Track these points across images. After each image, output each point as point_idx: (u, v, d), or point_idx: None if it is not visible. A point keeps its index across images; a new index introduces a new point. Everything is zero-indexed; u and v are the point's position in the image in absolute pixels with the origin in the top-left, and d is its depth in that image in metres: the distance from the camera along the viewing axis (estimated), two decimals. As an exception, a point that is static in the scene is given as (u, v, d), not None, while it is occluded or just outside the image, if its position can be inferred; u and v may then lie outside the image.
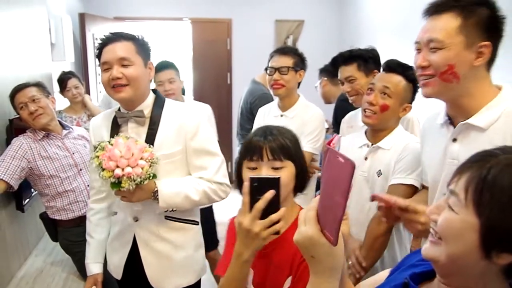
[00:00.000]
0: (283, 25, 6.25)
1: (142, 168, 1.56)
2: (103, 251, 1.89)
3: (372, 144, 1.82)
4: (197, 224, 1.89)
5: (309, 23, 6.28)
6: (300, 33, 6.30)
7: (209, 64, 6.17)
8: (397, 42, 4.37)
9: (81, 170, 2.53)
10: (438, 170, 1.39)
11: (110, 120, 1.78)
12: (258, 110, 2.66)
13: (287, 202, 1.23)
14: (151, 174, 1.61)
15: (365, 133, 1.89)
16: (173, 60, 2.99)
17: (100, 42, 1.68)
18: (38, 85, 2.46)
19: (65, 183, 2.46)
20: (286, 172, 1.22)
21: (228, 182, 1.81)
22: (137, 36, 1.72)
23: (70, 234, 2.50)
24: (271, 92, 2.44)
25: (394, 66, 1.76)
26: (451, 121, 1.35)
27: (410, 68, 1.72)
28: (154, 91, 1.82)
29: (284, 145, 1.23)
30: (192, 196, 1.71)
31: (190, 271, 1.85)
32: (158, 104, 1.76)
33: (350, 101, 2.29)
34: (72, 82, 3.50)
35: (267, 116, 2.55)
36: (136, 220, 1.77)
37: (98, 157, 1.58)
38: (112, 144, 1.57)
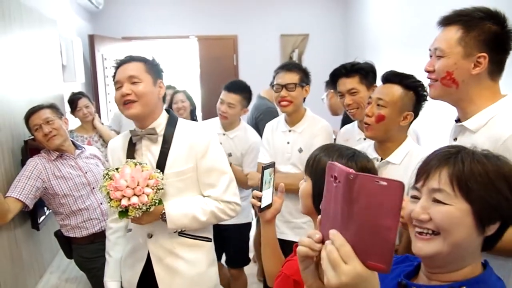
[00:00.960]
0: (288, 39, 6.33)
1: (147, 196, 1.62)
2: (119, 267, 1.93)
3: (381, 159, 1.80)
4: (210, 241, 1.92)
5: (314, 37, 6.36)
6: (305, 46, 6.38)
7: (216, 80, 6.16)
8: (402, 55, 4.41)
9: (93, 188, 2.59)
10: None
11: (127, 140, 1.86)
12: (266, 126, 2.69)
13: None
14: (156, 201, 1.66)
15: (374, 145, 1.88)
16: (180, 77, 3.05)
17: (115, 65, 1.80)
18: (52, 106, 2.53)
19: (79, 201, 2.51)
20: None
21: (238, 201, 1.84)
22: (148, 58, 1.83)
23: (84, 251, 2.54)
24: (278, 108, 2.46)
25: (390, 77, 1.78)
26: (458, 121, 1.46)
27: (409, 76, 1.76)
28: (168, 111, 1.89)
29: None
30: (200, 217, 1.76)
31: (204, 287, 1.88)
32: (171, 123, 1.82)
33: (350, 115, 2.28)
34: (83, 102, 3.57)
35: (275, 131, 2.57)
36: (150, 237, 1.81)
37: (105, 186, 1.64)
38: (119, 172, 1.63)
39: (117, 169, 1.67)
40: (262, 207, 1.35)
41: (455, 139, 1.44)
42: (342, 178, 0.70)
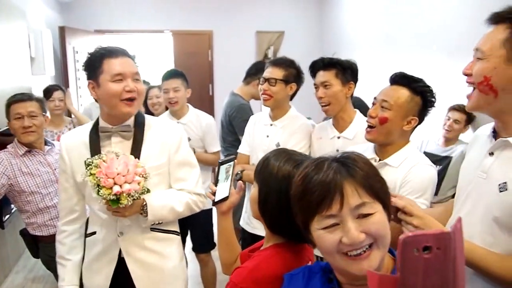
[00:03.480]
0: (264, 36, 6.32)
1: (138, 183, 1.57)
2: (79, 272, 1.84)
3: (379, 160, 1.77)
4: (179, 235, 1.91)
5: (290, 34, 6.37)
6: (281, 44, 6.38)
7: (190, 76, 6.06)
8: (377, 52, 4.46)
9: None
10: (466, 179, 1.37)
11: (86, 136, 1.75)
12: (250, 118, 2.69)
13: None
14: (146, 189, 1.62)
15: (374, 147, 1.83)
16: (154, 72, 3.05)
17: (104, 52, 1.69)
18: (40, 101, 2.47)
19: (46, 199, 2.43)
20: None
21: (204, 192, 1.86)
22: (131, 53, 1.78)
23: (51, 250, 2.43)
24: (262, 101, 2.46)
25: (398, 78, 1.71)
26: (495, 134, 1.29)
27: (417, 80, 1.69)
28: None
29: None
30: (177, 208, 1.75)
31: (179, 280, 1.86)
32: (139, 120, 1.79)
33: (322, 111, 2.27)
34: (58, 94, 3.49)
35: (257, 123, 2.57)
36: (121, 235, 1.76)
37: (92, 175, 1.55)
38: (105, 161, 1.56)
39: (100, 157, 1.59)
40: (216, 200, 1.38)
41: (491, 154, 1.26)
42: (444, 243, 0.64)
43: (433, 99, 1.69)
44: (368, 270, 0.74)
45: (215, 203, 1.40)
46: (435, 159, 3.04)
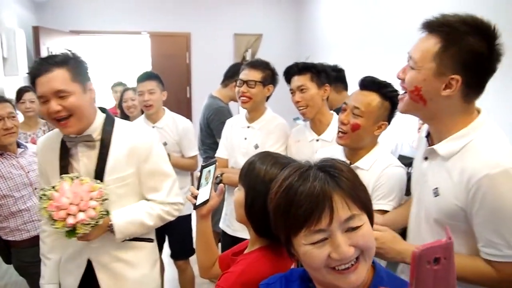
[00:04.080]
0: (242, 38, 6.33)
1: (94, 209, 1.52)
2: (58, 270, 1.83)
3: (350, 163, 1.76)
4: (152, 242, 1.87)
5: (267, 37, 6.40)
6: (259, 46, 6.40)
7: (168, 78, 6.04)
8: (353, 56, 4.52)
9: (36, 189, 2.46)
10: (414, 180, 1.42)
11: (58, 141, 1.70)
12: (226, 122, 2.68)
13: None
14: (104, 213, 1.57)
15: (344, 149, 1.84)
16: (131, 74, 3.00)
17: (31, 71, 1.60)
18: (11, 102, 2.47)
19: (19, 202, 2.38)
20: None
21: (181, 200, 1.83)
22: (70, 56, 1.62)
23: (25, 255, 2.41)
24: (239, 104, 2.46)
25: (368, 84, 1.71)
26: (429, 137, 1.33)
27: (387, 85, 1.70)
28: (103, 110, 1.77)
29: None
30: (147, 221, 1.71)
31: None
32: (108, 125, 1.71)
33: (300, 114, 2.30)
34: (29, 95, 3.40)
35: (234, 127, 2.57)
36: (90, 242, 1.72)
37: (45, 208, 1.51)
38: (57, 190, 1.51)
39: (53, 187, 1.54)
40: (197, 204, 1.37)
41: (426, 158, 1.31)
42: (448, 252, 0.67)
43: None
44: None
45: (196, 207, 1.39)
46: (409, 161, 3.08)
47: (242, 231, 2.40)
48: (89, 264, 1.75)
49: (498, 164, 1.10)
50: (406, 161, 3.21)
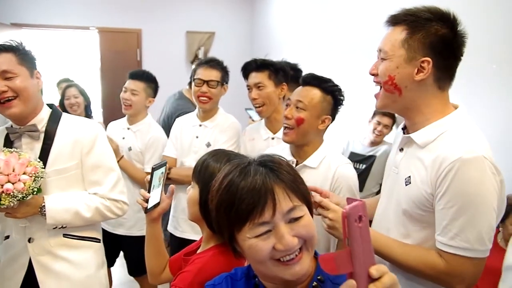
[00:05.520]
0: (194, 36, 6.26)
1: (24, 183, 1.49)
2: None
3: (297, 162, 1.79)
4: (99, 242, 1.82)
5: (220, 35, 6.37)
6: (211, 44, 6.36)
7: (118, 75, 5.88)
8: (306, 55, 4.58)
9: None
10: (386, 174, 1.45)
11: (2, 137, 1.69)
12: (176, 120, 2.64)
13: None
14: (35, 189, 1.54)
15: (290, 148, 1.85)
16: (79, 71, 2.86)
17: None
18: None
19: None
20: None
21: (125, 199, 1.79)
22: (17, 46, 1.63)
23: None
24: (198, 103, 2.42)
25: (309, 80, 1.75)
26: (405, 130, 1.36)
27: (327, 80, 1.75)
28: (50, 105, 1.76)
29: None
30: (83, 212, 1.67)
31: None
32: (54, 119, 1.70)
33: (256, 112, 2.30)
34: None
35: (185, 126, 2.54)
36: (31, 241, 1.66)
37: None
38: None
39: None
40: (148, 207, 1.35)
41: (401, 150, 1.34)
42: (365, 211, 0.72)
43: (342, 97, 1.77)
44: (320, 256, 0.75)
45: (147, 210, 1.36)
46: (360, 158, 3.17)
47: (190, 233, 2.39)
48: (29, 268, 1.67)
49: (473, 151, 1.12)
50: (357, 158, 3.28)
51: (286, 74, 2.28)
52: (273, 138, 2.26)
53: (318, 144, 1.79)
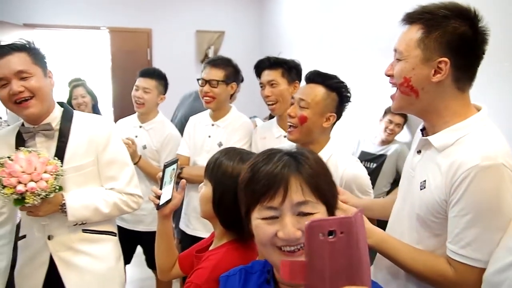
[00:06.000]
0: (204, 35, 6.27)
1: (46, 182, 1.52)
2: (4, 280, 1.74)
3: None
4: (115, 236, 1.85)
5: (230, 34, 6.37)
6: (221, 43, 6.37)
7: (128, 75, 5.94)
8: (316, 53, 4.56)
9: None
10: (403, 176, 1.40)
11: (13, 137, 1.69)
12: (189, 119, 2.66)
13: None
14: (57, 187, 1.56)
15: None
16: (90, 71, 2.89)
17: None
18: None
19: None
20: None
21: (140, 193, 1.82)
22: (28, 45, 1.63)
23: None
24: (203, 103, 2.44)
25: (313, 76, 1.73)
26: (424, 132, 1.31)
27: (332, 77, 1.72)
28: (61, 104, 1.77)
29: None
30: (102, 208, 1.69)
31: (115, 283, 1.80)
32: (66, 117, 1.72)
33: (269, 110, 2.30)
34: None
35: (198, 125, 2.55)
36: (51, 238, 1.68)
37: None
38: (12, 160, 1.50)
39: (9, 157, 1.53)
40: (160, 204, 1.36)
41: (419, 152, 1.28)
42: (346, 227, 0.68)
43: (348, 94, 1.73)
44: (281, 260, 0.74)
45: (159, 207, 1.37)
46: (371, 157, 3.16)
47: (201, 230, 2.41)
48: (51, 265, 1.69)
49: (490, 158, 1.06)
50: (368, 157, 3.25)
51: (299, 72, 2.28)
52: (285, 136, 2.26)
53: (324, 142, 1.77)
